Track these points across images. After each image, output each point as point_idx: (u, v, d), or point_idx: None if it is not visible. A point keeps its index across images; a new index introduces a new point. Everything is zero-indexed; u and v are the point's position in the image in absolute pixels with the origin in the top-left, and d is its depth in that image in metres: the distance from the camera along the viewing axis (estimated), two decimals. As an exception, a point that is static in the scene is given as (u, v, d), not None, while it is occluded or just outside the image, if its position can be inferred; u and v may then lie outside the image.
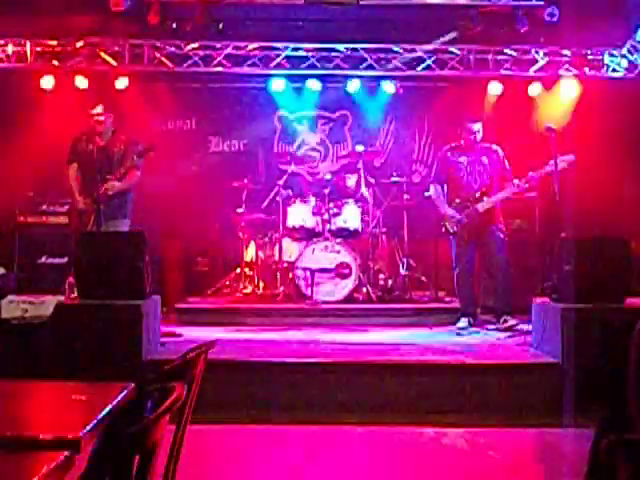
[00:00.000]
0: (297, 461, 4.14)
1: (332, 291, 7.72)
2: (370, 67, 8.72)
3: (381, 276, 8.26)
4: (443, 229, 7.01)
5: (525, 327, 6.51)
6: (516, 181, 6.79)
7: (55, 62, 8.47)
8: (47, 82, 8.62)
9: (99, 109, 6.64)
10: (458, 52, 8.61)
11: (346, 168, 9.10)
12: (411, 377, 5.22)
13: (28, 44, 8.39)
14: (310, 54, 8.72)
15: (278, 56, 8.66)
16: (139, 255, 5.51)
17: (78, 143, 6.71)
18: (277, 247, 8.18)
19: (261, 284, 8.23)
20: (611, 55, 8.54)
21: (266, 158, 9.62)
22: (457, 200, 7.00)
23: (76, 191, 6.69)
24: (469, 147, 7.06)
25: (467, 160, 7.04)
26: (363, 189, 8.30)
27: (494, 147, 7.11)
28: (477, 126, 7.03)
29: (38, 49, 8.44)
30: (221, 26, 8.13)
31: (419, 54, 8.59)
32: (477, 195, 6.93)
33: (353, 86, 9.24)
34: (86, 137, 6.70)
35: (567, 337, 5.11)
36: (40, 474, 1.53)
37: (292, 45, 8.62)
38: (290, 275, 7.94)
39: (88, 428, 1.81)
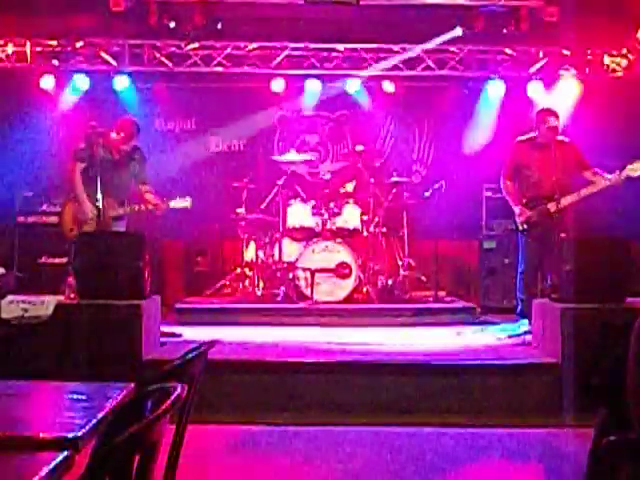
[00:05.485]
0: (297, 461, 4.14)
1: (332, 291, 7.72)
2: (370, 67, 8.72)
3: (381, 276, 8.26)
4: (513, 225, 6.72)
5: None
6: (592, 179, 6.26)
7: (55, 62, 8.47)
8: (47, 82, 8.61)
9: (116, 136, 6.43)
10: (458, 52, 8.61)
11: (346, 169, 9.08)
12: (411, 377, 5.21)
13: (28, 44, 8.39)
14: (310, 54, 8.71)
15: (278, 56, 8.66)
16: (139, 255, 5.51)
17: (93, 146, 6.30)
18: (277, 247, 8.17)
19: (261, 284, 8.22)
20: (611, 55, 8.54)
21: (266, 158, 9.62)
22: (528, 197, 6.54)
23: (82, 192, 6.41)
24: (544, 142, 6.42)
25: (540, 156, 6.42)
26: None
27: (569, 142, 6.52)
28: (556, 121, 6.39)
29: (38, 49, 8.44)
30: (220, 26, 8.12)
31: (416, 54, 8.59)
32: (549, 194, 6.38)
33: (353, 86, 9.24)
34: (102, 145, 6.39)
35: (567, 337, 5.10)
36: (40, 474, 1.52)
37: (292, 45, 8.62)
38: (290, 275, 7.93)
39: (88, 428, 1.81)
